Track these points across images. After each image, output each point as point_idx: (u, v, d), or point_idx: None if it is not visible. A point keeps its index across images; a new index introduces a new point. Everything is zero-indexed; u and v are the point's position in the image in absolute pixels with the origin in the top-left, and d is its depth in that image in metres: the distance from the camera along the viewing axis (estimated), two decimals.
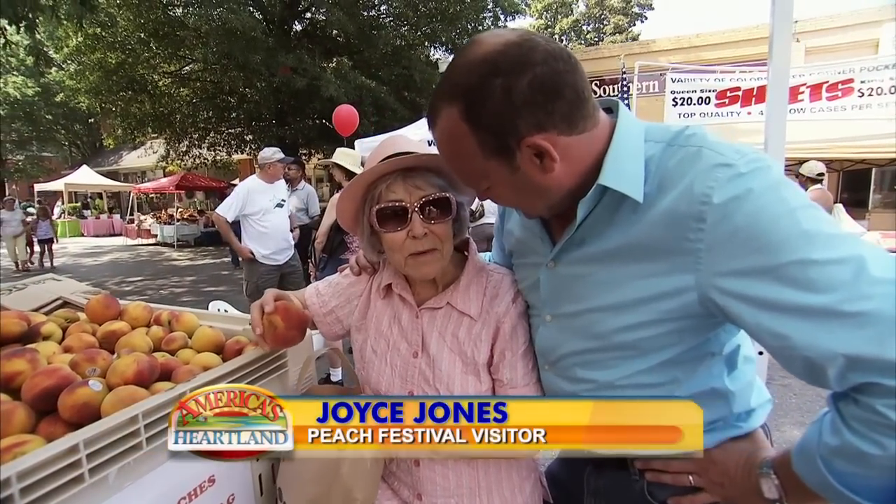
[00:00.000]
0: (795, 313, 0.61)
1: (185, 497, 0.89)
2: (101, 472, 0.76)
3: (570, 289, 0.87)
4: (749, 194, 0.64)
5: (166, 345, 1.23)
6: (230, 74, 13.25)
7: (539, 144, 0.71)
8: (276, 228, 4.45)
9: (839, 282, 0.58)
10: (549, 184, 0.76)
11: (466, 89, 0.72)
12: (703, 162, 0.69)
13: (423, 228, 0.94)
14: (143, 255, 14.76)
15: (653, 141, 0.77)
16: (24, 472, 0.67)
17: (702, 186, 0.67)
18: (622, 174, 0.74)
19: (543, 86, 0.69)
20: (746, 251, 0.64)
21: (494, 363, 1.03)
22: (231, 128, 15.52)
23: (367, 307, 1.14)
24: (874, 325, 0.55)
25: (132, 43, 13.10)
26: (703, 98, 7.38)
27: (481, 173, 0.79)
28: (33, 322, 1.24)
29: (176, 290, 9.14)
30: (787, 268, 0.61)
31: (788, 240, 0.61)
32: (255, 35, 11.40)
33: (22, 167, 27.21)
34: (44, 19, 8.83)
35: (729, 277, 0.66)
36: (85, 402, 0.86)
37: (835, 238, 0.61)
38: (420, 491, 1.04)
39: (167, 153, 16.59)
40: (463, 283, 1.05)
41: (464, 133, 0.74)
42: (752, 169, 0.66)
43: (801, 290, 0.60)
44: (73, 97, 14.97)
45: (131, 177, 26.62)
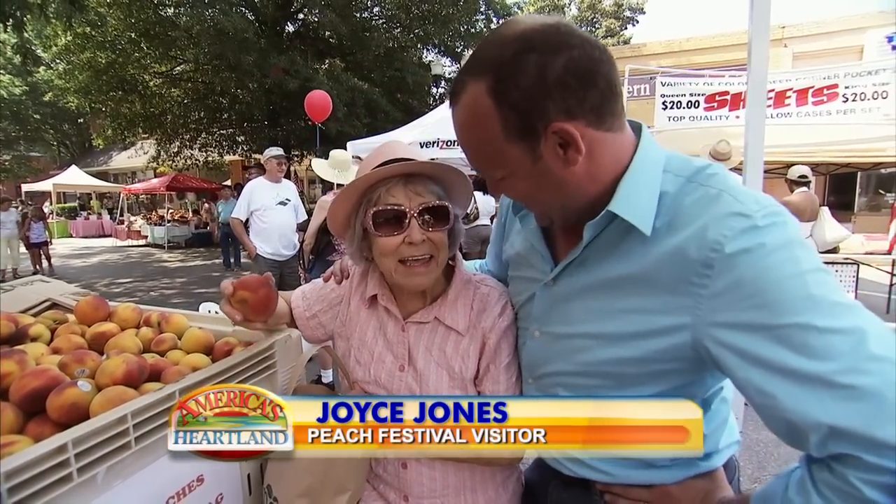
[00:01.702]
0: (787, 376, 0.60)
1: (173, 496, 0.90)
2: (90, 471, 0.77)
3: (564, 310, 0.86)
4: (761, 249, 0.63)
5: (156, 346, 1.23)
6: (222, 75, 13.22)
7: (567, 131, 0.68)
8: (276, 225, 4.66)
9: (837, 352, 0.58)
10: (569, 180, 0.73)
11: (497, 63, 0.69)
12: (721, 208, 0.68)
13: (422, 235, 0.94)
14: (134, 257, 14.63)
15: (672, 173, 0.75)
16: (13, 472, 0.67)
17: (715, 233, 0.66)
18: (634, 204, 0.72)
19: (578, 70, 0.67)
20: (748, 305, 0.63)
21: (479, 376, 1.03)
22: (223, 129, 15.48)
23: (347, 315, 1.14)
24: (866, 401, 0.55)
25: (122, 42, 13.03)
26: (692, 102, 7.47)
27: (500, 159, 0.74)
28: (21, 323, 1.24)
29: (166, 292, 9.08)
30: (787, 329, 0.60)
31: (793, 301, 0.60)
32: (247, 36, 11.41)
33: (9, 167, 26.88)
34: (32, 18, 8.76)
35: (727, 328, 0.66)
36: (73, 403, 0.86)
37: (840, 307, 0.60)
38: (407, 493, 1.05)
39: (158, 154, 16.50)
40: (451, 296, 1.05)
41: (488, 111, 0.70)
42: (769, 224, 0.65)
43: (796, 354, 0.59)
44: (62, 97, 14.84)
45: (121, 177, 26.38)
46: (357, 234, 1.03)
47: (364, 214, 0.99)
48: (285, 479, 1.01)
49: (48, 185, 19.24)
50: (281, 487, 1.02)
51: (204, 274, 10.96)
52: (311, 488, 0.98)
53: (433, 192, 0.97)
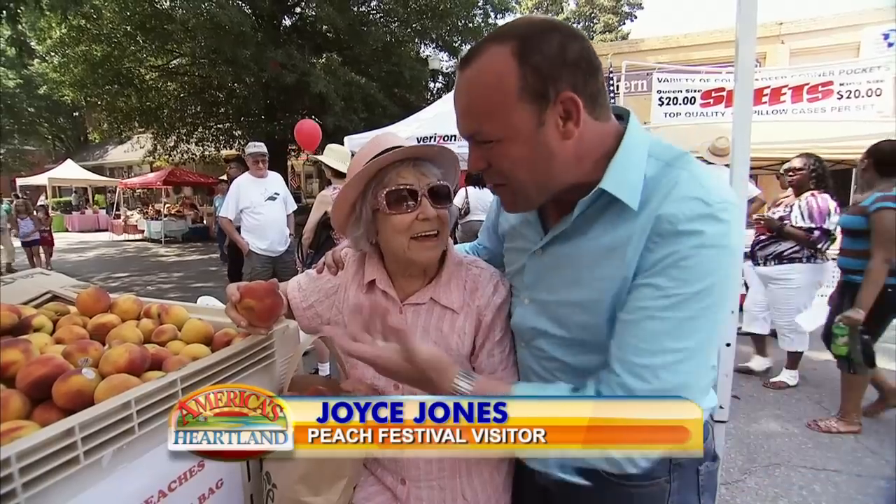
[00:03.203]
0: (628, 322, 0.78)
1: (175, 480, 0.93)
2: (96, 454, 0.79)
3: (548, 278, 0.94)
4: (701, 236, 0.73)
5: (156, 336, 1.26)
6: (218, 69, 13.12)
7: (574, 100, 0.76)
8: (267, 221, 4.58)
9: (670, 349, 0.74)
10: (559, 155, 0.80)
11: (525, 33, 0.77)
12: (687, 190, 0.76)
13: (434, 210, 1.02)
14: (130, 251, 14.61)
15: (654, 157, 0.82)
16: (23, 453, 0.70)
17: (675, 209, 0.75)
18: (624, 182, 0.80)
19: (589, 58, 0.78)
20: (664, 268, 0.75)
21: (474, 352, 1.07)
22: (219, 123, 15.42)
23: (345, 302, 1.17)
24: (651, 375, 0.74)
25: (118, 36, 12.91)
26: (688, 98, 7.51)
27: (505, 118, 0.78)
28: (24, 315, 1.26)
29: (163, 286, 9.09)
30: (672, 298, 0.74)
31: (685, 296, 0.74)
32: (243, 30, 11.33)
33: (3, 161, 26.76)
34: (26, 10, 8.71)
35: (641, 277, 0.78)
36: (78, 390, 0.89)
37: (692, 328, 0.75)
38: (404, 476, 1.08)
39: (154, 148, 16.40)
40: (444, 277, 1.09)
41: (509, 68, 0.76)
42: (722, 219, 0.73)
43: (656, 309, 0.75)
44: (57, 90, 14.71)
45: (117, 171, 26.21)
46: (365, 217, 1.07)
47: (374, 197, 1.04)
48: (284, 467, 1.04)
49: (43, 178, 19.18)
50: (280, 474, 1.05)
51: (201, 268, 10.96)
52: (308, 475, 1.01)
53: (435, 173, 1.06)
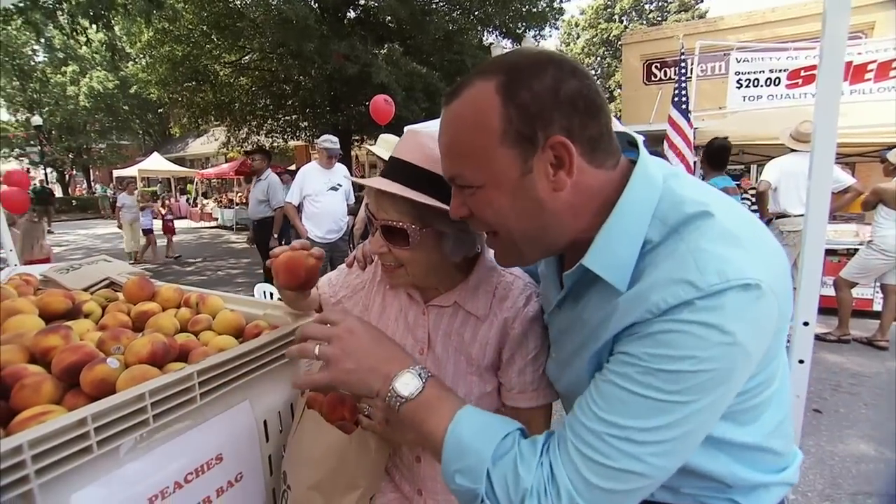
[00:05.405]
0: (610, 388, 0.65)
1: (192, 472, 0.94)
2: (109, 444, 0.81)
3: (561, 339, 0.88)
4: (681, 324, 0.60)
5: (192, 326, 1.29)
6: (285, 63, 13.65)
7: (567, 145, 0.65)
8: (326, 210, 4.84)
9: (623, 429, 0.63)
10: (549, 206, 0.69)
11: (513, 65, 0.67)
12: (676, 271, 0.62)
13: (382, 246, 0.95)
14: (205, 238, 15.71)
15: (660, 219, 0.68)
16: (36, 441, 0.72)
17: (658, 298, 0.62)
18: (611, 258, 0.68)
19: (588, 98, 0.67)
20: (640, 341, 0.64)
21: (502, 367, 1.01)
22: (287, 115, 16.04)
23: (370, 299, 1.14)
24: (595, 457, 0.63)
25: (196, 35, 13.74)
26: (772, 79, 6.78)
27: (486, 162, 0.68)
28: (77, 300, 1.34)
29: (232, 272, 9.65)
30: (644, 377, 0.62)
31: (661, 371, 0.61)
32: (309, 23, 11.65)
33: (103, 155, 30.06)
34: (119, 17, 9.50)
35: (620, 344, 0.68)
36: (102, 378, 0.91)
37: (675, 407, 0.61)
38: (421, 487, 1.05)
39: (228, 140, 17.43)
40: (472, 282, 1.02)
41: (492, 105, 0.66)
42: (707, 307, 0.59)
43: (626, 387, 0.63)
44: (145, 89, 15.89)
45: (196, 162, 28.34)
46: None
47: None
48: (298, 471, 1.03)
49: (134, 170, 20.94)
50: (294, 477, 1.03)
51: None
52: (321, 483, 0.99)
53: (401, 211, 0.91)
